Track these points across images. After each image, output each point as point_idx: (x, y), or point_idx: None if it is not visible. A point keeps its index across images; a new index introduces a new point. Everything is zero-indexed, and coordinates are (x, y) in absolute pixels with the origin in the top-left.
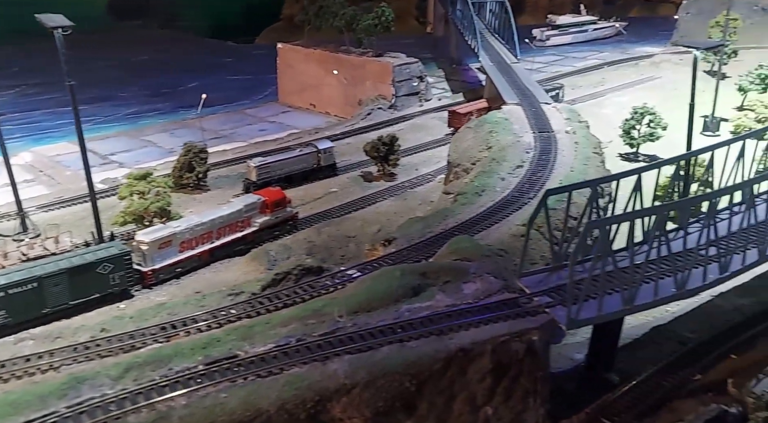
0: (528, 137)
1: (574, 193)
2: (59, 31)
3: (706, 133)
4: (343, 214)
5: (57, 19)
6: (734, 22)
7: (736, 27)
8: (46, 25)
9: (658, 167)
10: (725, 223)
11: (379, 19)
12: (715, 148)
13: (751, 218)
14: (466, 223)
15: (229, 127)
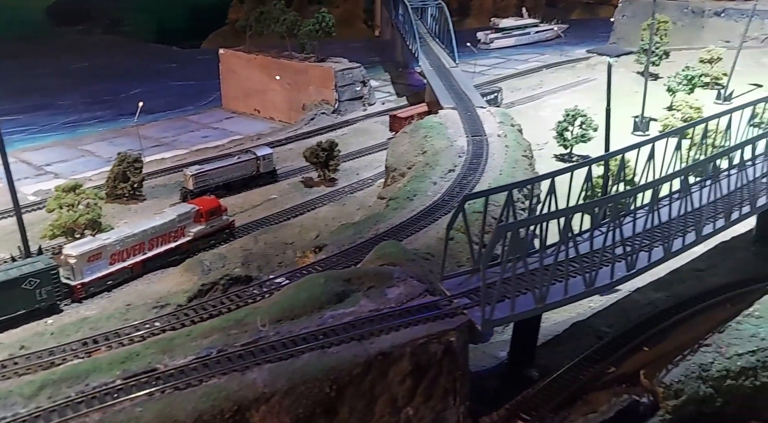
0: (461, 141)
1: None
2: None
3: (636, 133)
4: (282, 221)
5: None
6: (665, 25)
7: (666, 29)
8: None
9: (570, 171)
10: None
11: (320, 25)
12: (625, 151)
13: (656, 219)
14: (396, 228)
15: (170, 135)
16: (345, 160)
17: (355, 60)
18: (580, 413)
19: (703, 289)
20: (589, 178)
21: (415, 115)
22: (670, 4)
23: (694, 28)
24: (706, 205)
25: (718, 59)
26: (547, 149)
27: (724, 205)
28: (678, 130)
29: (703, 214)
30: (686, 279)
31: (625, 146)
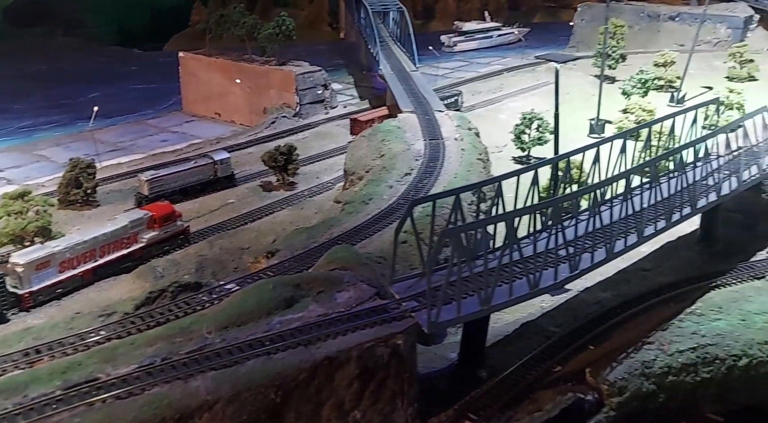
0: (419, 145)
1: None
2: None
3: (592, 135)
4: (239, 226)
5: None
6: (621, 29)
7: (623, 33)
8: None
9: (517, 175)
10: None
11: (280, 28)
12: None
13: (599, 221)
14: (350, 232)
15: (128, 139)
16: (305, 164)
17: (319, 62)
18: (526, 412)
19: (648, 288)
20: (535, 182)
21: (376, 118)
22: (627, 8)
23: (650, 31)
24: (647, 207)
25: (671, 63)
26: (506, 151)
27: (665, 206)
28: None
29: (645, 216)
30: (632, 278)
31: (570, 150)
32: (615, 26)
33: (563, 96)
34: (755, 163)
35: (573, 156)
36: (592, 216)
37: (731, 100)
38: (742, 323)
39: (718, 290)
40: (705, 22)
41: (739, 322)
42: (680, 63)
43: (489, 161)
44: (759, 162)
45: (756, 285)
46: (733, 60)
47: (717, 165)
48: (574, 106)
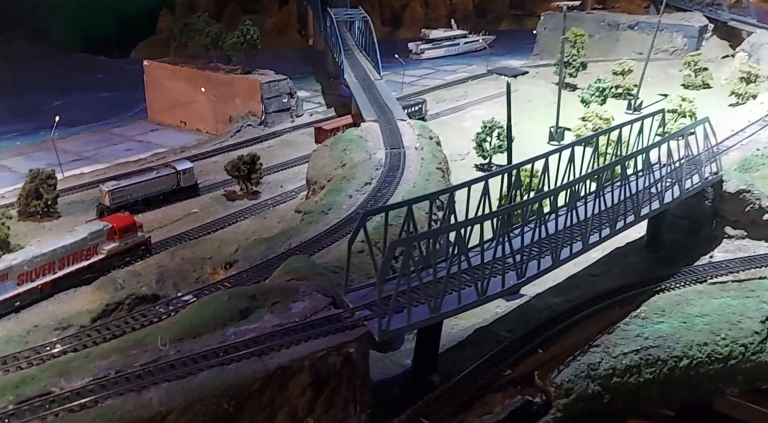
0: (380, 154)
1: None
2: None
3: (552, 143)
4: (202, 236)
5: None
6: (581, 38)
7: (583, 42)
8: None
9: (468, 185)
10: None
11: (245, 37)
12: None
13: (544, 230)
14: (309, 242)
15: (92, 148)
16: (269, 173)
17: (287, 70)
18: (476, 415)
19: (596, 293)
20: (486, 192)
21: (341, 127)
22: (588, 17)
23: (611, 40)
24: (592, 216)
25: (629, 71)
26: (468, 159)
27: (610, 215)
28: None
29: (590, 224)
30: (582, 284)
31: (521, 161)
32: (575, 35)
33: (525, 103)
34: (697, 172)
35: (529, 164)
36: (539, 225)
37: (683, 108)
38: (683, 326)
39: (662, 294)
40: (662, 31)
41: (681, 325)
42: (638, 71)
43: (449, 170)
44: (700, 171)
45: (698, 289)
46: (688, 68)
47: (660, 174)
48: (535, 114)
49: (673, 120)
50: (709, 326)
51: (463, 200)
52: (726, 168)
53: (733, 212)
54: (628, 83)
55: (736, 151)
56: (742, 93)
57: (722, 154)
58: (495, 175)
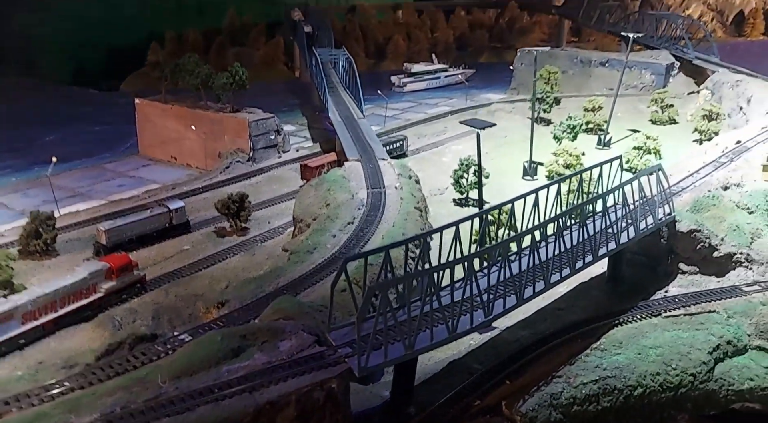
0: (362, 193)
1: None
2: None
3: (525, 178)
4: (193, 273)
5: None
6: (555, 75)
7: (557, 79)
8: None
9: (440, 231)
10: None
11: (234, 78)
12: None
13: (506, 272)
14: (295, 281)
15: (86, 184)
16: (257, 209)
17: (274, 102)
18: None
19: (561, 326)
20: (456, 236)
21: (326, 164)
22: (562, 54)
23: (583, 76)
24: (553, 257)
25: (599, 108)
26: (447, 194)
27: (570, 255)
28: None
29: (551, 264)
30: (548, 317)
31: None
32: (549, 73)
33: (502, 138)
34: (651, 213)
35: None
36: (504, 266)
37: (648, 146)
38: (638, 357)
39: (621, 327)
40: (632, 68)
41: (636, 356)
42: (608, 107)
43: (426, 209)
44: (654, 213)
45: (653, 322)
46: (655, 105)
47: (616, 217)
48: (511, 149)
49: (639, 156)
50: (661, 357)
51: (439, 239)
52: (679, 209)
53: (686, 250)
54: (598, 119)
55: (690, 193)
56: (704, 130)
57: (676, 196)
58: (464, 221)
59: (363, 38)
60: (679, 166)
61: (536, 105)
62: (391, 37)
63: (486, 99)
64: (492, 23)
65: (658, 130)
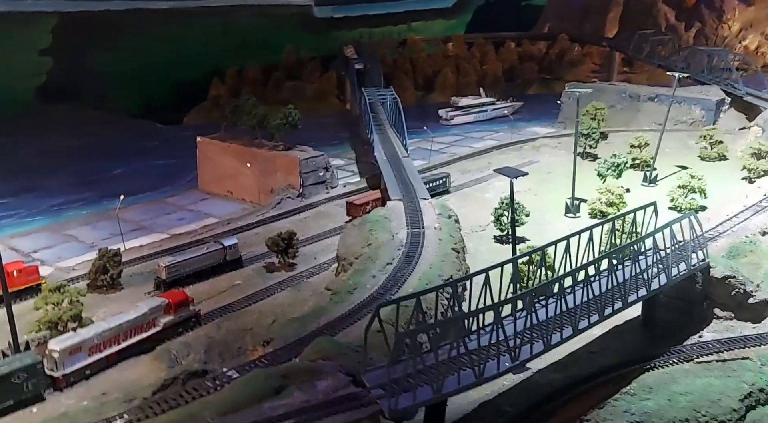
0: (402, 234)
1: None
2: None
3: (568, 215)
4: (243, 307)
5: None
6: (602, 111)
7: (603, 115)
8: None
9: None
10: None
11: (287, 119)
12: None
13: (534, 319)
14: (335, 321)
15: (149, 217)
16: (305, 244)
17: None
18: None
19: (593, 370)
20: (487, 282)
21: (371, 201)
22: (610, 89)
23: (632, 111)
24: (580, 304)
25: (645, 144)
26: (489, 230)
27: (598, 302)
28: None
29: (578, 311)
30: (581, 360)
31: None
32: (595, 108)
33: (546, 174)
34: (684, 260)
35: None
36: (530, 313)
37: (692, 185)
38: (668, 403)
39: (652, 372)
40: (681, 103)
41: (666, 402)
42: (656, 142)
43: (465, 249)
44: (687, 259)
45: (684, 367)
46: (704, 141)
47: (647, 263)
48: (555, 184)
49: (684, 195)
50: (691, 404)
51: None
52: (714, 254)
53: (721, 296)
54: (645, 155)
55: (726, 238)
56: (753, 168)
57: (712, 241)
58: (494, 268)
59: (413, 71)
60: (718, 209)
61: (582, 140)
62: (440, 70)
63: (533, 132)
64: (542, 55)
65: (706, 167)
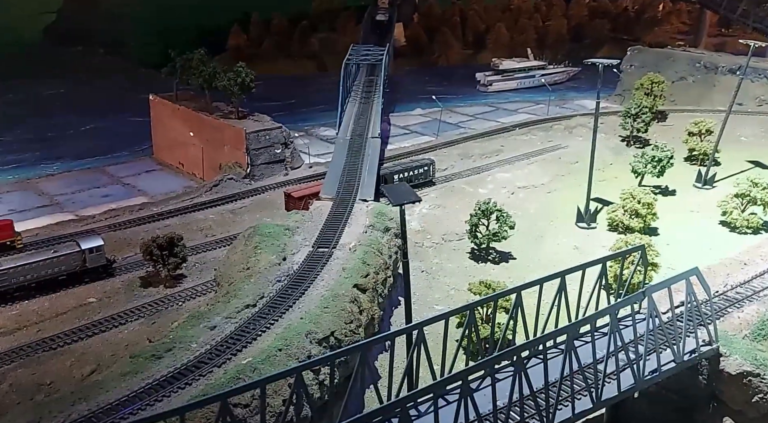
0: (300, 255)
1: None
2: None
3: (579, 224)
4: (65, 345)
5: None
6: (660, 85)
7: (662, 89)
8: None
9: (337, 357)
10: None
11: (235, 80)
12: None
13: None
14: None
15: (70, 191)
16: (216, 247)
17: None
18: None
19: None
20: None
21: (311, 195)
22: (681, 57)
23: (706, 85)
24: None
25: (707, 132)
26: (467, 242)
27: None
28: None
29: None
30: None
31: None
32: (652, 82)
33: (568, 165)
34: (674, 343)
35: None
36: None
37: (755, 195)
38: None
39: None
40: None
41: None
42: (731, 128)
43: (385, 282)
44: (678, 344)
45: None
46: None
47: (614, 346)
48: (579, 179)
49: (740, 208)
50: None
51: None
52: (732, 333)
53: (736, 399)
54: (706, 147)
55: (758, 304)
56: None
57: (733, 310)
58: (399, 334)
59: (462, 25)
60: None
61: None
62: (494, 25)
63: (579, 107)
64: (618, 11)
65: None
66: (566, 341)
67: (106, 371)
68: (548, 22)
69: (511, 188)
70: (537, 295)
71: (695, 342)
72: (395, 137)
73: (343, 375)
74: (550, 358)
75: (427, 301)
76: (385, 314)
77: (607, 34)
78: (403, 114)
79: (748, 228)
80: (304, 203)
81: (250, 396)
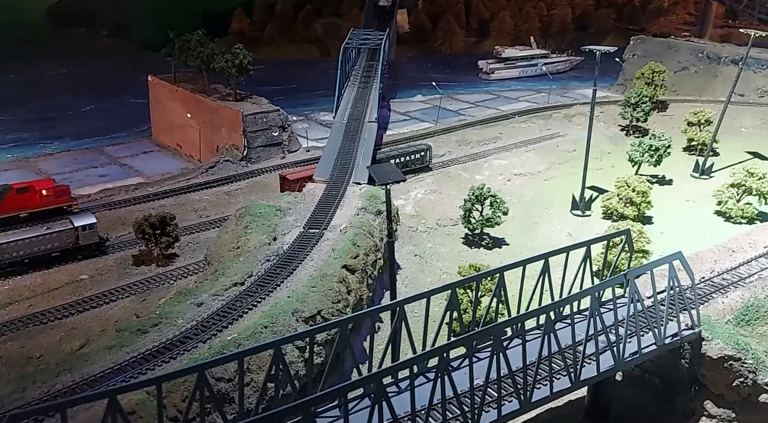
0: (289, 237)
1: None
2: None
3: (574, 212)
4: (56, 319)
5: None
6: (660, 74)
7: (663, 79)
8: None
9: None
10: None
11: (233, 62)
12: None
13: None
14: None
15: (68, 170)
16: (209, 228)
17: None
18: None
19: None
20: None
21: (307, 178)
22: (684, 47)
23: (708, 76)
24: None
25: (706, 122)
26: (461, 227)
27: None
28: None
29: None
30: None
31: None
32: (653, 71)
33: (568, 153)
34: (655, 327)
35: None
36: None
37: (749, 185)
38: None
39: None
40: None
41: None
42: (731, 118)
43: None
44: (659, 327)
45: None
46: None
47: (594, 329)
48: (576, 167)
49: (736, 199)
50: None
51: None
52: (716, 318)
53: (717, 384)
54: (705, 136)
55: (743, 290)
56: None
57: (718, 294)
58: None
59: (465, 12)
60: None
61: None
62: (497, 13)
63: (580, 96)
64: (623, 1)
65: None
66: (545, 321)
67: (93, 345)
68: (553, 10)
69: (507, 175)
70: (520, 278)
71: (677, 326)
72: (395, 123)
73: (329, 353)
74: (531, 339)
75: (419, 284)
76: (375, 296)
77: (612, 24)
78: (403, 100)
79: (743, 218)
80: (299, 186)
81: (234, 371)
